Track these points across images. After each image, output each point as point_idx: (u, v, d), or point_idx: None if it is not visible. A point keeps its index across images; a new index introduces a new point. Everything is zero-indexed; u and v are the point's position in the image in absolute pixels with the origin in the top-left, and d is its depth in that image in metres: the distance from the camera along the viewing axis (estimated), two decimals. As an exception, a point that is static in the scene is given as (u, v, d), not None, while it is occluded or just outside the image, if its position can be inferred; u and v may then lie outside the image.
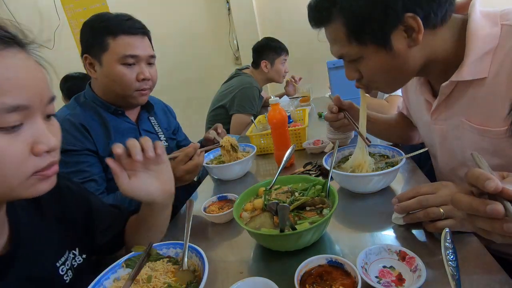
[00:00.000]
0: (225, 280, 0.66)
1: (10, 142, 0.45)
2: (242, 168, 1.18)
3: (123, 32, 1.05)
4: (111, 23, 1.05)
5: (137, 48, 1.07)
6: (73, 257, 0.68)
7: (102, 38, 1.04)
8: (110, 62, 1.05)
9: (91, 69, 1.09)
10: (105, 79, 1.08)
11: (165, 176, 0.74)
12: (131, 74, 1.07)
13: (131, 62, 1.06)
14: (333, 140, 1.24)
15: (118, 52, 1.04)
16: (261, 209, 0.77)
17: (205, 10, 3.23)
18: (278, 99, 1.15)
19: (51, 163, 0.51)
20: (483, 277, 0.54)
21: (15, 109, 0.45)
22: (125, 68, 1.06)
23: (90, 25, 1.08)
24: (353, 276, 0.55)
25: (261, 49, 2.25)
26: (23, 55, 0.49)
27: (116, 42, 1.04)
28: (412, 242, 0.66)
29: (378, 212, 0.79)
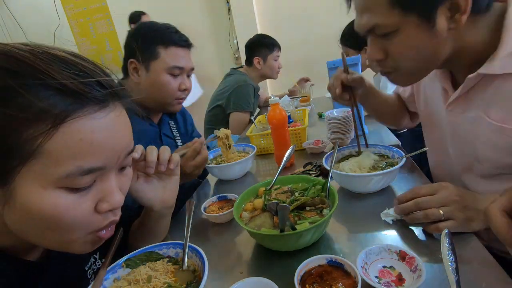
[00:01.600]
0: (225, 280, 0.66)
1: (78, 200, 0.44)
2: (242, 168, 1.18)
3: (174, 44, 1.12)
4: (163, 33, 1.12)
5: (183, 60, 1.15)
6: (94, 261, 0.69)
7: (153, 46, 1.10)
8: (158, 70, 1.11)
9: (135, 73, 1.14)
10: (149, 85, 1.13)
11: (170, 188, 0.76)
12: (175, 83, 1.14)
13: (177, 73, 1.14)
14: (333, 140, 1.24)
15: (167, 62, 1.11)
16: (261, 209, 0.77)
17: (205, 10, 3.24)
18: (278, 99, 1.15)
19: (111, 222, 0.49)
20: (483, 277, 0.54)
21: (89, 171, 0.43)
22: (171, 77, 1.13)
23: (142, 32, 1.13)
24: (353, 276, 0.55)
25: (253, 46, 2.24)
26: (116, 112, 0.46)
27: (167, 52, 1.11)
28: (412, 242, 0.66)
29: (378, 212, 0.79)
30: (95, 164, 0.43)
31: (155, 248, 0.69)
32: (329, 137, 1.26)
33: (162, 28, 1.13)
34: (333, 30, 1.91)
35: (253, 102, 2.21)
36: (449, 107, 0.79)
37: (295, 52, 3.18)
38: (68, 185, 0.42)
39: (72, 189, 0.43)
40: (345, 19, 1.90)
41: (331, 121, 1.22)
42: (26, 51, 0.41)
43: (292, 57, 3.20)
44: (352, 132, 1.24)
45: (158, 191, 0.74)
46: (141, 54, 1.11)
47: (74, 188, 0.43)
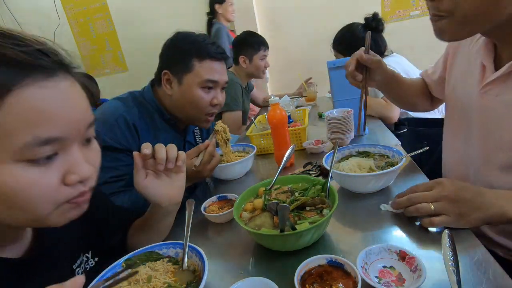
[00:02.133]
0: (225, 280, 0.66)
1: (41, 174, 0.43)
2: (242, 168, 1.18)
3: (209, 57, 1.09)
4: (198, 46, 1.09)
5: (218, 74, 1.11)
6: (86, 260, 0.68)
7: (188, 59, 1.08)
8: (190, 84, 1.09)
9: (168, 85, 1.12)
10: (181, 98, 1.11)
11: (177, 185, 0.77)
12: (207, 98, 1.11)
13: (210, 86, 1.11)
14: (333, 140, 1.24)
15: (201, 75, 1.08)
16: (261, 209, 0.77)
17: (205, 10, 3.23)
18: (278, 99, 1.15)
19: (82, 193, 0.49)
20: (483, 278, 0.54)
21: (47, 142, 0.42)
22: (203, 92, 1.10)
23: (178, 44, 1.12)
24: (353, 276, 0.55)
25: (239, 44, 2.20)
26: (67, 82, 0.45)
27: (201, 66, 1.08)
28: (412, 242, 0.66)
29: (378, 212, 0.79)
30: (52, 134, 0.43)
31: (155, 248, 0.69)
32: (329, 137, 1.26)
33: (198, 40, 1.11)
34: (333, 30, 1.91)
35: (243, 100, 2.18)
36: (484, 89, 0.75)
37: (295, 52, 3.19)
38: (28, 158, 0.41)
39: (33, 163, 0.42)
40: (345, 19, 1.91)
41: (331, 121, 1.22)
42: None
43: (292, 57, 3.21)
44: (352, 132, 1.24)
45: (166, 188, 0.74)
46: (175, 66, 1.10)
47: (34, 160, 0.42)
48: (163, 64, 1.13)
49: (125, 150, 1.02)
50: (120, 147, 1.01)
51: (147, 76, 1.23)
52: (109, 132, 1.01)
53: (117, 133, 1.01)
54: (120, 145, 1.01)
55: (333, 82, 1.34)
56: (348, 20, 1.85)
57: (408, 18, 2.84)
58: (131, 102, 1.12)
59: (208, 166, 1.00)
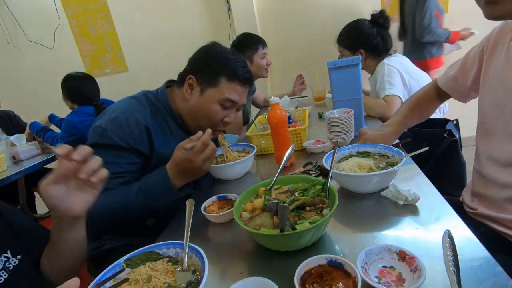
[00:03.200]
0: (225, 280, 0.66)
1: None
2: (242, 168, 1.18)
3: (237, 79, 1.11)
4: (231, 65, 1.10)
5: (239, 96, 1.13)
6: (6, 260, 0.68)
7: (217, 74, 1.09)
8: (211, 97, 1.10)
9: (189, 89, 1.12)
10: (197, 106, 1.12)
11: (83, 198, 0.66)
12: (221, 115, 1.13)
13: (228, 105, 1.12)
14: (333, 140, 1.24)
15: (223, 93, 1.09)
16: (261, 209, 0.77)
17: (205, 10, 3.23)
18: (278, 99, 1.15)
19: None
20: (484, 278, 0.54)
21: None
22: (220, 108, 1.12)
23: (212, 56, 1.12)
24: (353, 276, 0.55)
25: (238, 47, 2.17)
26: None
27: (227, 85, 1.10)
28: (412, 242, 0.66)
29: (378, 212, 0.79)
30: None
31: (155, 248, 0.69)
32: (329, 137, 1.26)
33: (232, 59, 1.12)
34: (333, 30, 1.91)
35: None
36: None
37: (296, 52, 3.18)
38: None
39: None
40: (345, 19, 1.91)
41: (331, 121, 1.22)
42: None
43: (292, 57, 3.20)
44: (352, 132, 1.24)
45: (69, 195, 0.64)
46: (202, 76, 1.10)
47: None
48: (191, 68, 1.13)
49: (131, 149, 1.02)
50: (125, 146, 1.01)
51: (147, 76, 1.23)
52: (117, 130, 1.01)
53: (125, 132, 1.01)
54: (126, 144, 1.01)
55: (333, 82, 1.34)
56: (348, 21, 1.85)
57: (408, 18, 2.84)
58: (144, 102, 1.12)
59: (202, 155, 0.94)
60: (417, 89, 1.64)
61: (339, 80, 1.33)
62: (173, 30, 3.29)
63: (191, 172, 0.98)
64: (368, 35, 1.73)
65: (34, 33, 3.56)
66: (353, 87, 1.32)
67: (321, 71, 1.95)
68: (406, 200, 0.78)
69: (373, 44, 1.73)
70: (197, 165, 0.94)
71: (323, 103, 2.26)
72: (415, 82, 1.67)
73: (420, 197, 0.78)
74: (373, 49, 1.75)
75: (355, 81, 1.31)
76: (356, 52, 1.77)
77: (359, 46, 1.75)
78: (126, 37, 3.49)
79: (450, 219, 0.71)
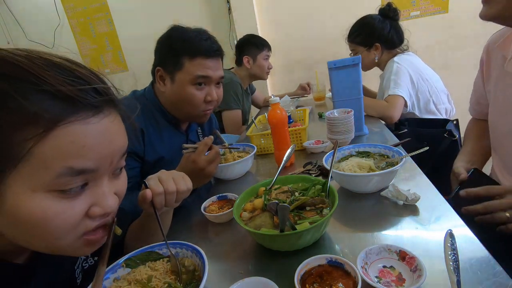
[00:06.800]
0: (225, 280, 0.65)
1: (69, 205, 0.43)
2: (242, 168, 1.18)
3: (200, 54, 1.06)
4: (190, 43, 1.06)
5: (210, 70, 1.08)
6: (85, 259, 0.68)
7: (179, 57, 1.05)
8: (182, 82, 1.07)
9: (161, 81, 1.11)
10: (174, 95, 1.10)
11: None
12: (200, 95, 1.09)
13: (202, 82, 1.08)
14: (333, 140, 1.24)
15: (191, 72, 1.05)
16: (261, 209, 0.77)
17: (205, 10, 3.23)
18: (278, 99, 1.14)
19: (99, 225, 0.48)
20: (484, 278, 0.54)
21: (80, 173, 0.42)
22: (195, 89, 1.07)
23: (171, 41, 1.08)
24: (353, 276, 0.55)
25: (243, 45, 2.23)
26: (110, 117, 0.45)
27: (192, 63, 1.05)
28: (412, 242, 0.66)
29: (378, 212, 0.79)
30: (86, 166, 0.42)
31: (155, 248, 0.69)
32: (329, 137, 1.26)
33: (192, 37, 1.07)
34: (334, 30, 1.91)
35: (242, 100, 2.19)
36: None
37: (296, 52, 3.18)
38: (59, 188, 0.41)
39: (63, 193, 0.42)
40: (346, 18, 1.91)
41: (331, 121, 1.22)
42: (23, 56, 0.40)
43: (292, 57, 3.20)
44: (352, 132, 1.24)
45: None
46: (167, 64, 1.08)
47: (65, 191, 0.42)
48: (157, 60, 1.12)
49: (130, 153, 1.02)
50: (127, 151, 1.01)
51: (147, 76, 1.22)
52: None
53: None
54: None
55: (333, 82, 1.34)
56: (348, 21, 1.85)
57: (408, 18, 2.84)
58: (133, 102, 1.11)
59: (204, 156, 0.95)
60: (426, 90, 1.64)
61: (339, 80, 1.33)
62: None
63: (196, 174, 0.95)
64: (382, 29, 1.73)
65: (34, 33, 3.56)
66: (353, 87, 1.32)
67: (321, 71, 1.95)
68: (406, 200, 0.78)
69: (388, 37, 1.73)
70: (201, 166, 0.93)
71: (323, 103, 2.26)
72: (425, 83, 1.65)
73: (420, 197, 0.78)
74: (389, 42, 1.74)
75: (355, 81, 1.31)
76: (371, 47, 1.76)
77: (374, 41, 1.74)
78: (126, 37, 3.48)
79: (450, 219, 0.71)
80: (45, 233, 0.43)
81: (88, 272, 0.67)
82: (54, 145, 0.39)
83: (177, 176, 0.74)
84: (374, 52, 1.77)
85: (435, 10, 2.80)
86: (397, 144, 1.10)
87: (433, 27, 2.81)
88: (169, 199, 0.71)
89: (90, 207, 0.46)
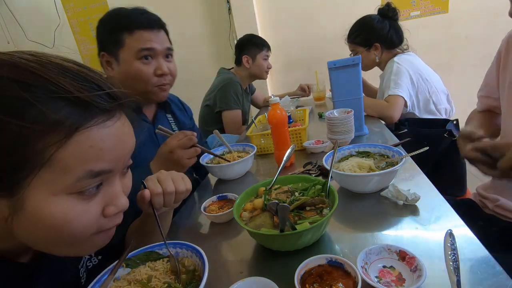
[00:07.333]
0: (225, 280, 0.65)
1: (87, 206, 0.45)
2: (242, 168, 1.18)
3: (138, 27, 1.03)
4: (126, 19, 1.03)
5: (153, 42, 1.04)
6: (89, 258, 0.68)
7: (117, 34, 1.02)
8: (127, 59, 1.04)
9: (108, 67, 1.09)
10: (123, 76, 1.06)
11: None
12: (148, 69, 1.05)
13: (147, 55, 1.04)
14: (333, 140, 1.24)
15: (133, 47, 1.02)
16: (261, 209, 0.77)
17: (205, 10, 3.23)
18: (278, 99, 1.14)
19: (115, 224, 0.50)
20: (484, 278, 0.54)
21: (98, 174, 0.44)
22: (142, 64, 1.04)
23: (107, 21, 1.06)
24: (353, 276, 0.55)
25: (242, 45, 2.24)
26: (121, 120, 0.47)
27: (132, 38, 1.02)
28: (412, 242, 0.66)
29: (378, 212, 0.79)
30: (104, 168, 0.44)
31: (155, 248, 0.69)
32: (329, 137, 1.26)
33: (127, 13, 1.04)
34: (333, 30, 1.91)
35: (242, 100, 2.20)
36: None
37: (296, 52, 3.18)
38: (78, 190, 0.43)
39: (82, 195, 0.44)
40: (346, 19, 1.91)
41: (331, 121, 1.22)
42: (33, 62, 0.41)
43: (292, 57, 3.20)
44: (352, 132, 1.24)
45: None
46: (109, 46, 1.04)
47: (83, 192, 0.44)
48: (100, 46, 1.08)
49: None
50: None
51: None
52: None
53: None
54: None
55: (333, 82, 1.34)
56: (349, 20, 1.85)
57: (409, 18, 2.84)
58: None
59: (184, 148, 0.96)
60: (426, 90, 1.64)
61: (339, 80, 1.33)
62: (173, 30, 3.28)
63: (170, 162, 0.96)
64: (381, 29, 1.73)
65: (34, 33, 3.56)
66: (353, 87, 1.32)
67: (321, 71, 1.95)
68: (406, 200, 0.78)
69: (387, 36, 1.73)
70: (178, 156, 0.95)
71: (323, 103, 2.26)
72: (424, 83, 1.65)
73: (420, 197, 0.78)
74: (388, 42, 1.75)
75: (355, 81, 1.31)
76: (371, 47, 1.76)
77: (374, 41, 1.75)
78: (126, 37, 3.49)
79: (450, 219, 0.71)
80: (64, 235, 0.44)
81: (93, 272, 0.67)
82: (74, 150, 0.41)
83: (176, 176, 0.74)
84: (374, 52, 1.77)
85: (435, 10, 2.80)
86: (397, 144, 1.10)
87: (433, 27, 2.81)
88: (168, 199, 0.71)
89: (106, 207, 0.47)
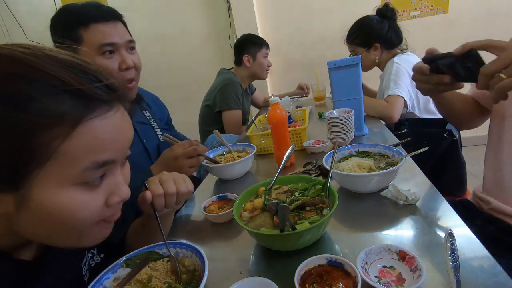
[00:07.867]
0: (225, 280, 0.65)
1: (92, 196, 0.46)
2: (242, 168, 1.18)
3: (94, 20, 0.97)
4: (80, 13, 0.98)
5: (112, 35, 0.99)
6: (92, 257, 0.68)
7: (73, 31, 0.97)
8: (87, 55, 0.97)
9: None
10: None
11: None
12: (112, 64, 1.00)
13: (108, 49, 0.99)
14: (333, 140, 1.24)
15: (93, 42, 0.97)
16: (261, 209, 0.77)
17: (205, 10, 3.23)
18: (278, 99, 1.14)
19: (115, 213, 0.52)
20: (484, 278, 0.54)
21: (103, 165, 0.45)
22: (105, 59, 0.99)
23: (61, 20, 1.00)
24: (353, 276, 0.55)
25: (241, 45, 2.25)
26: (120, 111, 0.48)
27: (89, 33, 0.97)
28: (412, 242, 0.66)
29: (378, 212, 0.79)
30: (108, 158, 0.46)
31: (155, 248, 0.69)
32: (329, 137, 1.26)
33: (79, 7, 0.98)
34: (334, 31, 1.92)
35: (242, 100, 2.20)
36: None
37: (296, 52, 3.18)
38: (83, 180, 0.44)
39: (86, 185, 0.45)
40: (346, 19, 1.91)
41: (331, 121, 1.22)
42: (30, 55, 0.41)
43: (292, 57, 3.20)
44: (352, 132, 1.24)
45: None
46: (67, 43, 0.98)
47: (88, 183, 0.45)
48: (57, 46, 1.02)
49: None
50: None
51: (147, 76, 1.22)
52: None
53: None
54: None
55: (333, 82, 1.34)
56: (348, 21, 1.85)
57: (409, 18, 2.84)
58: None
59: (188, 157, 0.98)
60: None
61: (339, 80, 1.33)
62: (173, 30, 3.29)
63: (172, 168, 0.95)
64: (380, 29, 1.73)
65: (34, 33, 3.56)
66: (353, 87, 1.32)
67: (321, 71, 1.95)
68: (406, 200, 0.78)
69: (387, 37, 1.74)
70: (180, 164, 0.96)
71: (323, 103, 2.26)
72: None
73: (420, 197, 0.78)
74: (388, 42, 1.75)
75: (355, 81, 1.31)
76: (371, 48, 1.77)
77: (373, 41, 1.75)
78: (126, 37, 3.49)
79: (450, 219, 0.71)
80: (69, 225, 0.45)
81: (95, 270, 0.67)
82: (79, 142, 0.42)
83: (178, 177, 0.74)
84: (374, 52, 1.77)
85: (435, 10, 2.80)
86: (397, 144, 1.10)
87: (433, 27, 2.81)
88: (169, 200, 0.71)
89: (109, 197, 0.49)
